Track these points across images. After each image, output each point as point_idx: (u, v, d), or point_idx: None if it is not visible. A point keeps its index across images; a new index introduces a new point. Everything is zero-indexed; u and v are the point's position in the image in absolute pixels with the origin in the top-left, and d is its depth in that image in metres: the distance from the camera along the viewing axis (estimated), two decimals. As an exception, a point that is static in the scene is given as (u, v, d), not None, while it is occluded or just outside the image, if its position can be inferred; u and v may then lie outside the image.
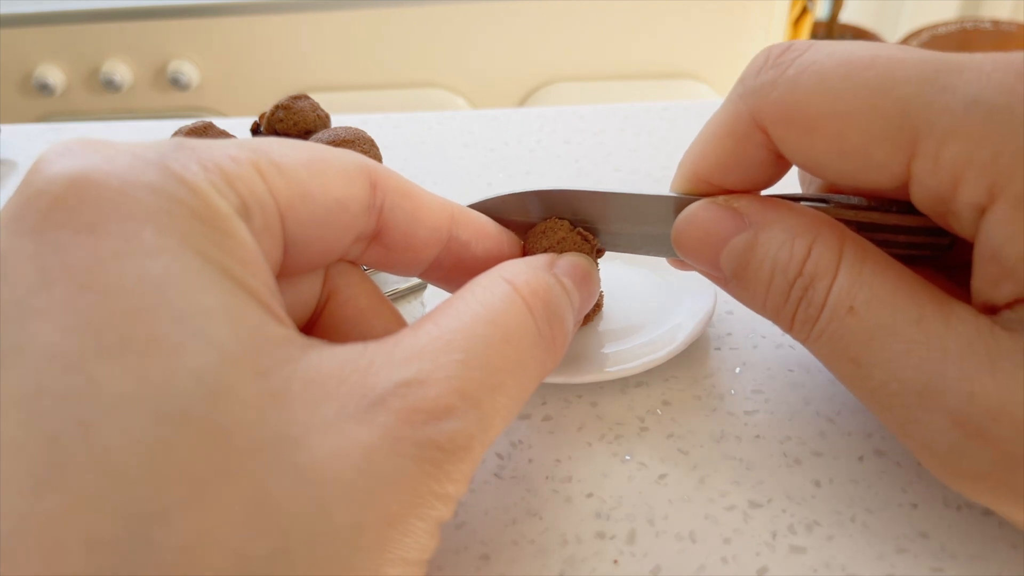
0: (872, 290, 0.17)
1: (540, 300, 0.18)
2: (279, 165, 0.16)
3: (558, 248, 0.22)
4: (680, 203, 0.21)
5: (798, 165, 0.19)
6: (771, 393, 0.24)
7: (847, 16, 1.55)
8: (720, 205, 0.20)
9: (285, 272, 0.17)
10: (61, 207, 0.14)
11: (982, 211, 0.16)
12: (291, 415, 0.13)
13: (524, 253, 0.23)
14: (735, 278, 0.20)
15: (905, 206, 0.20)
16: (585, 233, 0.23)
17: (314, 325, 0.19)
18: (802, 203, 0.21)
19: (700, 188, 0.21)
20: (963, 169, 0.16)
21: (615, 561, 0.19)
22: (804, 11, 1.10)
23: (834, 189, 0.22)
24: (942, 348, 0.16)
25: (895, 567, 0.19)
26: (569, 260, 0.21)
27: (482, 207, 0.23)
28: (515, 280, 0.18)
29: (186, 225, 0.14)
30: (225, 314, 0.14)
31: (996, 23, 1.38)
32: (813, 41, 0.19)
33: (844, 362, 0.18)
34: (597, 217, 0.23)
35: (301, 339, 0.15)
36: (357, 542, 0.13)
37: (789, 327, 0.19)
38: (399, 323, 0.20)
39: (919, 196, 0.18)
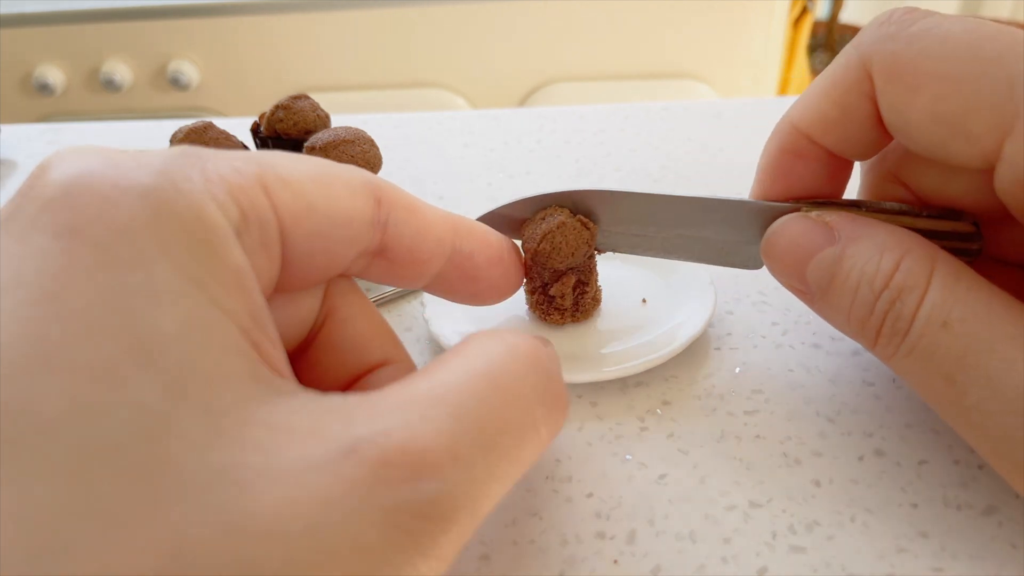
0: (967, 305, 0.17)
1: (543, 356, 0.17)
2: (284, 178, 0.16)
3: (558, 232, 0.22)
4: (735, 206, 0.22)
5: (890, 124, 0.19)
6: (771, 393, 0.24)
7: (847, 16, 1.55)
8: (811, 218, 0.20)
9: (284, 286, 0.17)
10: (49, 210, 0.13)
11: None
12: (240, 457, 0.12)
13: (522, 238, 0.23)
14: (820, 292, 0.20)
15: (936, 211, 0.20)
16: (585, 220, 0.23)
17: (310, 344, 0.19)
18: (834, 205, 0.21)
19: (797, 143, 0.21)
20: None
21: (615, 561, 0.19)
22: (804, 11, 1.10)
23: (907, 185, 0.22)
24: None
25: (895, 567, 0.19)
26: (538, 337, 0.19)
27: (499, 212, 0.23)
28: (514, 338, 0.17)
29: (169, 236, 0.13)
30: (186, 343, 0.13)
31: (996, 23, 1.38)
32: (941, 13, 0.19)
33: (936, 380, 0.18)
34: (654, 219, 0.23)
35: (272, 380, 0.14)
36: None
37: (873, 342, 0.19)
38: (397, 349, 0.20)
39: (1004, 179, 0.17)
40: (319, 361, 0.19)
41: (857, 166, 0.23)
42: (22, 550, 0.11)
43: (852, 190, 0.24)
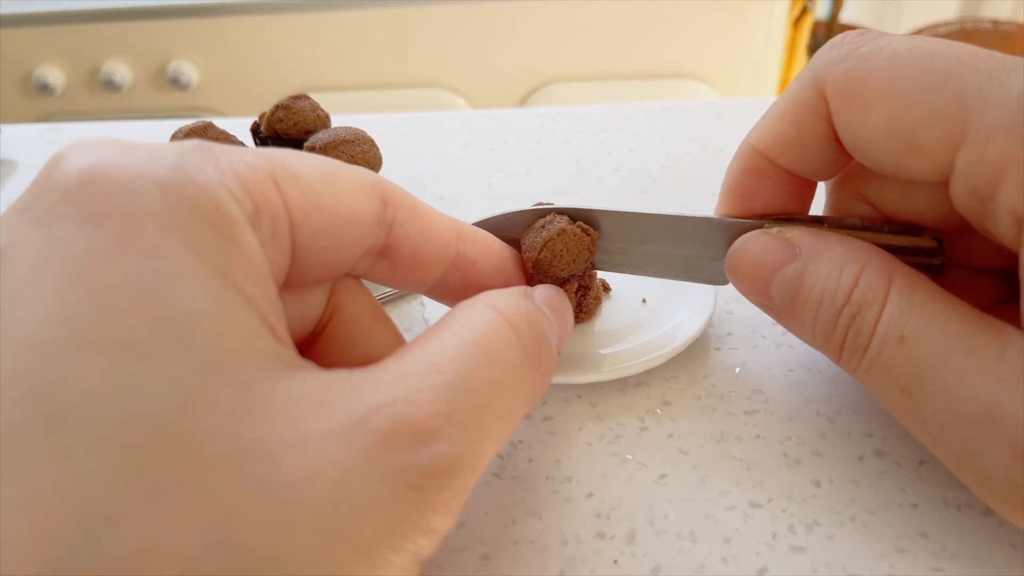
0: (923, 319, 0.17)
1: (524, 321, 0.18)
2: (295, 175, 0.16)
3: (558, 240, 0.22)
4: (699, 223, 0.22)
5: (846, 143, 0.19)
6: (771, 393, 0.24)
7: (847, 16, 1.55)
8: (773, 236, 0.21)
9: (291, 283, 0.17)
10: (69, 199, 0.14)
11: (1022, 222, 0.16)
12: (268, 429, 0.13)
13: (520, 247, 0.23)
14: (785, 308, 0.20)
15: (897, 227, 0.20)
16: (585, 227, 0.23)
17: (316, 340, 0.19)
18: (797, 221, 0.21)
19: (758, 165, 0.21)
20: (1007, 167, 0.16)
21: (615, 561, 0.19)
22: (804, 11, 1.10)
23: (871, 203, 0.22)
24: (998, 377, 0.16)
25: (895, 567, 0.19)
26: (544, 290, 0.21)
27: (491, 223, 0.23)
28: (497, 305, 0.18)
29: (190, 226, 0.14)
30: (212, 321, 0.13)
31: (996, 23, 1.38)
32: (891, 34, 0.19)
33: (895, 393, 0.18)
34: (621, 236, 0.23)
35: (290, 357, 0.15)
36: (317, 569, 0.13)
37: (838, 357, 0.19)
38: (401, 346, 0.20)
39: (959, 192, 0.17)
40: (324, 357, 0.19)
41: (822, 185, 0.23)
42: (73, 522, 0.11)
43: (818, 209, 0.24)
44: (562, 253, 0.22)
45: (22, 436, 0.12)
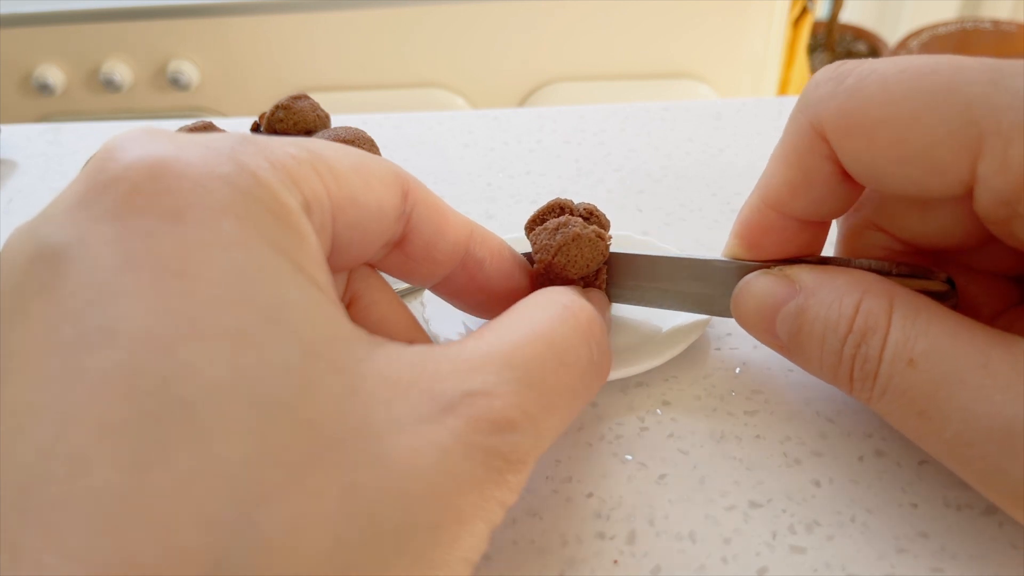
0: (930, 339, 0.17)
1: (597, 328, 0.18)
2: (332, 168, 0.16)
3: (573, 246, 0.22)
4: (707, 266, 0.22)
5: (857, 176, 0.19)
6: (771, 393, 0.24)
7: (847, 16, 1.55)
8: (774, 274, 0.21)
9: None
10: (141, 194, 0.14)
11: None
12: (368, 411, 0.14)
13: (532, 245, 0.23)
14: (791, 344, 0.20)
15: (907, 270, 0.20)
16: (599, 231, 0.23)
17: None
18: (804, 263, 0.21)
19: (768, 218, 0.21)
20: None
21: (615, 561, 0.19)
22: (804, 11, 1.10)
23: (885, 230, 0.22)
24: (1015, 391, 0.16)
25: (895, 567, 0.19)
26: (597, 294, 0.22)
27: None
28: (572, 306, 0.18)
29: (261, 219, 0.14)
30: (305, 309, 0.14)
31: (996, 23, 1.38)
32: (870, 59, 0.19)
33: (912, 418, 0.17)
34: (632, 274, 0.24)
35: (368, 336, 0.15)
36: (435, 537, 0.14)
37: (849, 387, 0.19)
38: (418, 331, 0.20)
39: (984, 201, 0.17)
40: None
41: (835, 227, 0.23)
42: (230, 503, 0.12)
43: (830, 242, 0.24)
44: (576, 258, 0.22)
45: (158, 424, 0.12)
